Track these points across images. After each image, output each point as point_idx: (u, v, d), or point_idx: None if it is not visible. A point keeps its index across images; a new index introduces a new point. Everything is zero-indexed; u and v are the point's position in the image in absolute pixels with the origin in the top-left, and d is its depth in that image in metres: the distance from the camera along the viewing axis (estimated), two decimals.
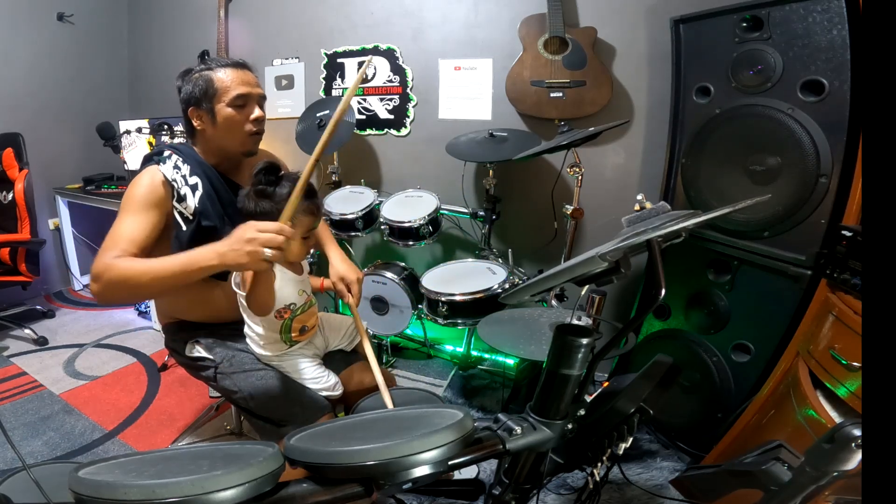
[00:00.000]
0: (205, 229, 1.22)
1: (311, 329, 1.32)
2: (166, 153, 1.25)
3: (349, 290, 1.40)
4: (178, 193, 1.21)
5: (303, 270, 1.31)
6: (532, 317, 1.53)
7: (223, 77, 1.22)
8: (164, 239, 1.22)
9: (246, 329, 1.28)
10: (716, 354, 1.61)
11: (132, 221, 1.15)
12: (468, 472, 1.60)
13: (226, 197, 1.29)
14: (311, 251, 1.63)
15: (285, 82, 2.81)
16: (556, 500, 1.54)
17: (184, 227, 1.21)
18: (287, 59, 2.78)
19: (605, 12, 2.05)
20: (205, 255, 1.02)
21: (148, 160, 1.27)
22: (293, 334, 1.27)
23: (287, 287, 1.23)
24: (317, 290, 1.42)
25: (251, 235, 0.96)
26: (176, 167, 1.23)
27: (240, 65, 1.27)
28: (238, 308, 1.26)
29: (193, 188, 1.23)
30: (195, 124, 1.26)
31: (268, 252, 0.95)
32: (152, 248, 1.16)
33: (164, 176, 1.20)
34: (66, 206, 3.21)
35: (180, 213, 1.21)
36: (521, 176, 2.32)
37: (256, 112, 1.27)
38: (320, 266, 2.25)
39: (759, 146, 1.46)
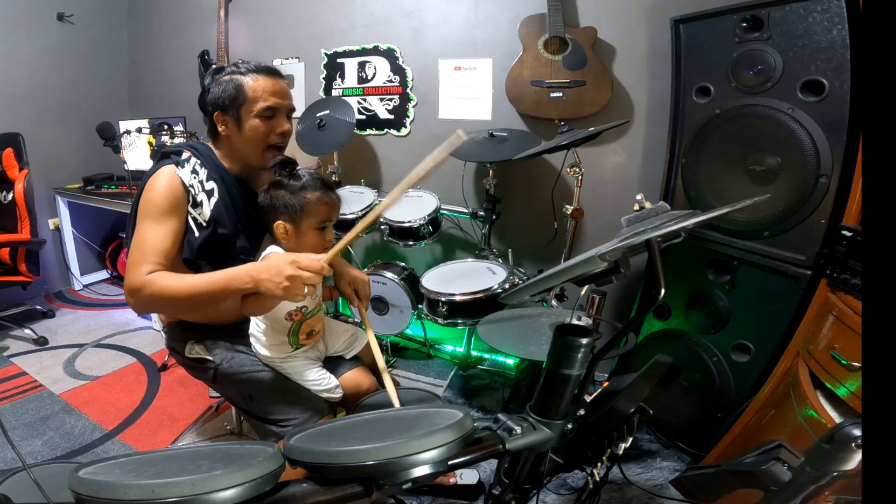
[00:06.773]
0: (219, 237, 1.20)
1: (317, 333, 1.32)
2: (185, 155, 1.21)
3: (357, 294, 1.38)
4: (195, 199, 1.18)
5: None
6: (532, 317, 1.53)
7: (254, 85, 1.19)
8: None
9: (252, 329, 1.27)
10: (716, 354, 1.61)
11: (157, 230, 1.13)
12: (469, 476, 1.60)
13: (241, 205, 1.26)
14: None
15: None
16: (556, 500, 1.54)
17: (196, 234, 1.18)
18: (287, 59, 2.79)
19: (605, 12, 2.05)
20: (241, 278, 1.05)
21: (165, 157, 1.23)
22: (301, 337, 1.26)
23: None
24: (325, 299, 1.41)
25: (292, 272, 0.98)
26: (194, 171, 1.19)
27: (272, 72, 1.23)
28: (239, 310, 1.25)
29: (209, 194, 1.20)
30: (220, 129, 1.23)
31: (305, 289, 0.98)
32: (177, 254, 1.17)
33: (182, 180, 1.17)
34: (66, 206, 3.21)
35: (194, 219, 1.19)
36: (521, 176, 2.32)
37: (284, 126, 1.24)
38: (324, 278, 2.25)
39: (759, 146, 1.46)
